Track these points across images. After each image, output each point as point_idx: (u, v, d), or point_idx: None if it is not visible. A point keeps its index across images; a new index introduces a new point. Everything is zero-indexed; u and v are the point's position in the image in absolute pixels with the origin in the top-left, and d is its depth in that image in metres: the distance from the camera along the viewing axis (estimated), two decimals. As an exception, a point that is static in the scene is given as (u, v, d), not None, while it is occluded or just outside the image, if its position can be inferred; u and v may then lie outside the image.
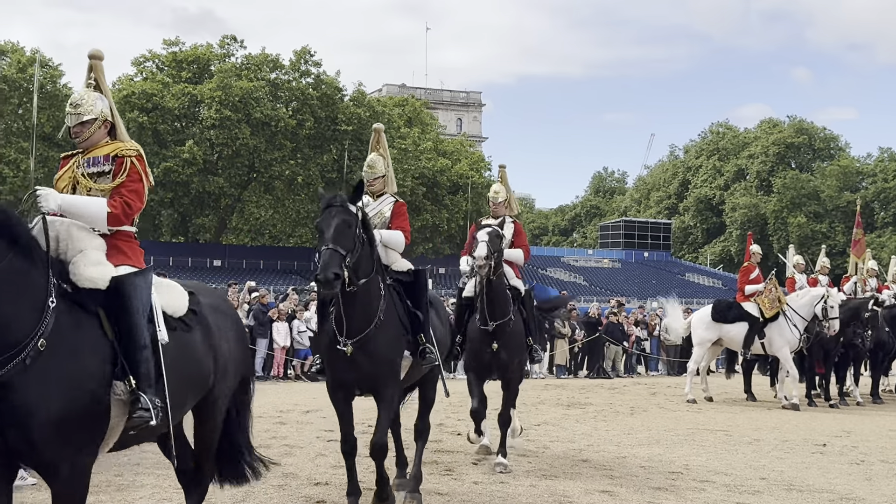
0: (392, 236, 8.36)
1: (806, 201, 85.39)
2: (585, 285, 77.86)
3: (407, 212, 8.75)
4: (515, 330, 9.99)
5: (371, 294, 7.47)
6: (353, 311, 7.38)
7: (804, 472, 10.35)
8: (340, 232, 6.99)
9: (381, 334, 7.47)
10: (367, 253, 7.35)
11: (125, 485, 8.60)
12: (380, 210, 8.55)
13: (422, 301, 8.09)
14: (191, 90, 61.28)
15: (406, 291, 8.10)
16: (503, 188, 10.88)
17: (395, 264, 8.32)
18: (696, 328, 18.69)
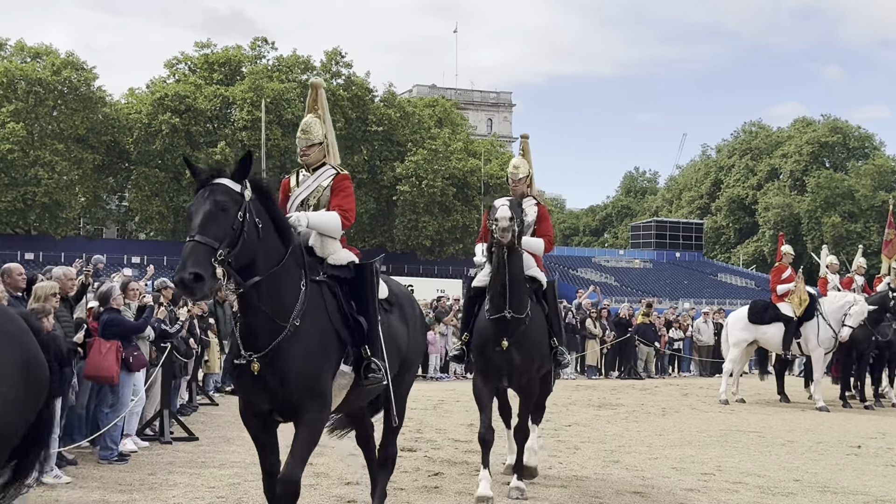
0: (323, 220, 6.74)
1: (840, 201, 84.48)
2: (616, 286, 77.50)
3: (352, 186, 7.10)
4: (533, 328, 8.43)
5: (280, 294, 5.91)
6: (255, 318, 5.87)
7: (838, 473, 10.25)
8: (212, 218, 5.46)
9: (297, 345, 5.91)
10: (265, 243, 5.77)
11: (158, 483, 8.67)
12: (317, 186, 6.96)
13: (367, 303, 6.56)
14: (223, 92, 61.70)
15: (351, 291, 6.59)
16: (524, 162, 9.50)
17: (333, 256, 6.70)
18: (733, 329, 18.59)
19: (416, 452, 10.77)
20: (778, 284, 18.01)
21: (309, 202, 6.91)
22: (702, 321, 27.43)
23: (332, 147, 7.18)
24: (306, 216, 6.64)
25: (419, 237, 66.54)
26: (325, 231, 6.73)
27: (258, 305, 5.81)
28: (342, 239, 6.91)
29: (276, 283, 5.87)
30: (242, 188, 5.68)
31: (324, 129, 7.10)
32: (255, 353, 5.85)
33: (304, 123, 7.08)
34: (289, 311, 5.90)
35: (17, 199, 57.27)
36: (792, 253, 18.58)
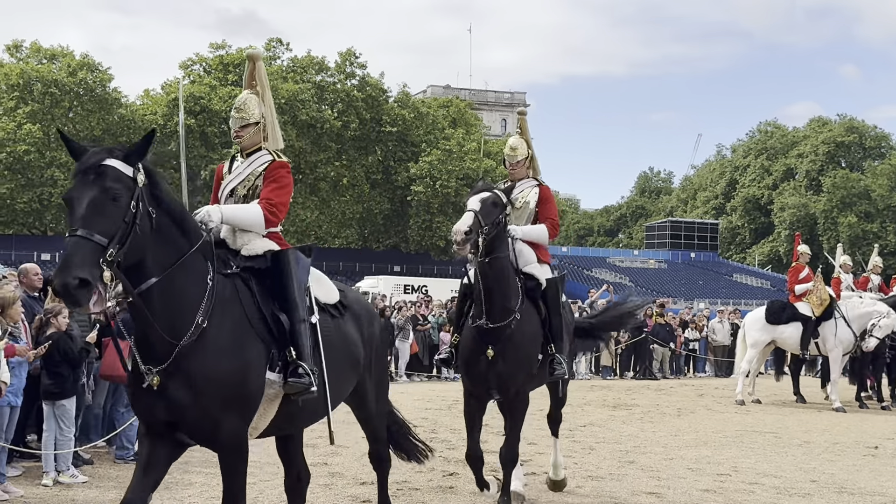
0: (241, 215, 5.82)
1: (856, 201, 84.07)
2: (631, 286, 77.24)
3: (289, 176, 6.10)
4: (523, 333, 7.53)
5: (181, 294, 5.03)
6: (150, 325, 4.97)
7: (855, 474, 10.19)
8: (99, 208, 4.56)
9: (205, 346, 5.06)
10: (160, 238, 4.91)
11: (174, 483, 8.69)
12: (249, 173, 6.05)
13: (288, 297, 5.58)
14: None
15: (270, 285, 5.64)
16: (522, 143, 8.41)
17: (247, 247, 5.78)
18: (751, 330, 18.50)
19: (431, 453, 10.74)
20: (796, 284, 17.94)
21: (238, 192, 6.02)
22: (717, 321, 27.34)
23: (272, 129, 6.17)
24: (220, 210, 5.70)
25: (433, 238, 66.55)
26: (245, 227, 5.82)
27: (156, 309, 4.92)
28: (275, 239, 5.98)
29: (174, 282, 4.99)
30: (135, 172, 4.76)
31: (262, 108, 6.12)
32: (156, 366, 4.98)
33: (238, 101, 6.16)
34: (192, 311, 5.04)
35: (33, 199, 57.60)
36: (809, 253, 18.49)
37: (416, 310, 21.93)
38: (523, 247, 7.90)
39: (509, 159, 8.39)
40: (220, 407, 5.06)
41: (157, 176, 5.00)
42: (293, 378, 5.36)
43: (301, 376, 5.37)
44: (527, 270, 7.85)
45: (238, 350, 5.20)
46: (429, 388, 19.53)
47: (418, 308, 22.24)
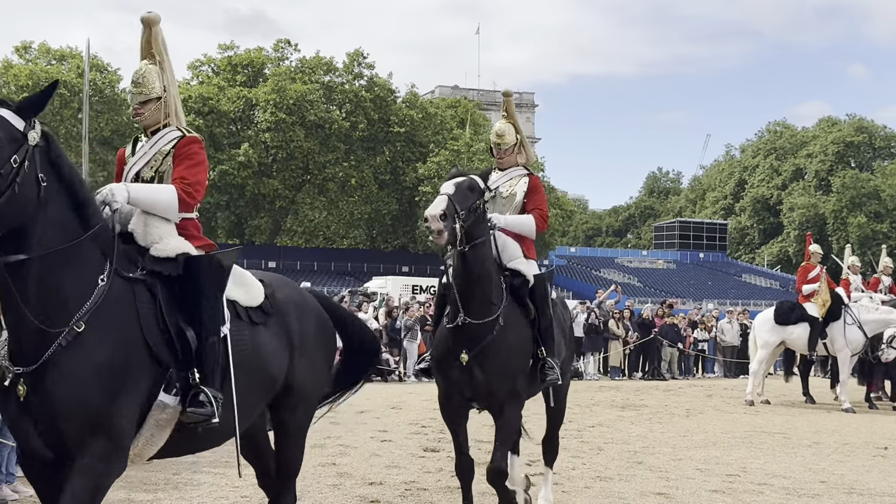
0: (152, 195, 5.01)
1: (866, 201, 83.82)
2: (640, 286, 77.23)
3: (203, 153, 5.32)
4: (506, 337, 6.74)
5: (60, 285, 4.29)
6: (19, 317, 4.22)
7: (865, 475, 10.16)
8: None
9: (76, 359, 4.27)
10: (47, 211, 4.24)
11: (182, 483, 8.71)
12: (156, 153, 5.26)
13: (198, 310, 4.73)
14: (246, 93, 62.00)
15: (180, 294, 4.78)
16: (509, 128, 7.64)
17: (158, 245, 4.90)
18: (760, 331, 18.46)
19: (438, 453, 10.77)
20: (804, 284, 17.89)
21: (144, 175, 5.23)
22: (726, 322, 27.29)
23: (176, 103, 5.38)
24: (126, 189, 4.90)
25: (441, 238, 66.54)
26: (155, 210, 4.97)
27: (28, 295, 4.16)
28: (191, 227, 5.24)
29: (54, 268, 4.23)
30: (27, 127, 4.18)
31: (163, 81, 5.29)
32: (24, 368, 4.23)
33: (135, 73, 5.33)
34: (70, 310, 4.27)
35: (42, 201, 57.78)
36: (820, 252, 18.43)
37: (426, 310, 21.91)
38: (508, 240, 7.17)
39: (496, 147, 7.67)
40: (80, 433, 4.24)
41: (56, 142, 4.40)
42: (192, 407, 4.59)
43: (202, 404, 4.60)
44: (512, 266, 7.06)
45: (117, 369, 4.35)
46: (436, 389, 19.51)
47: (427, 309, 22.23)
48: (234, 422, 4.87)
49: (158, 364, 4.55)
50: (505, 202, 7.52)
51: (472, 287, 6.69)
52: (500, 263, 7.03)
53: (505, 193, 7.54)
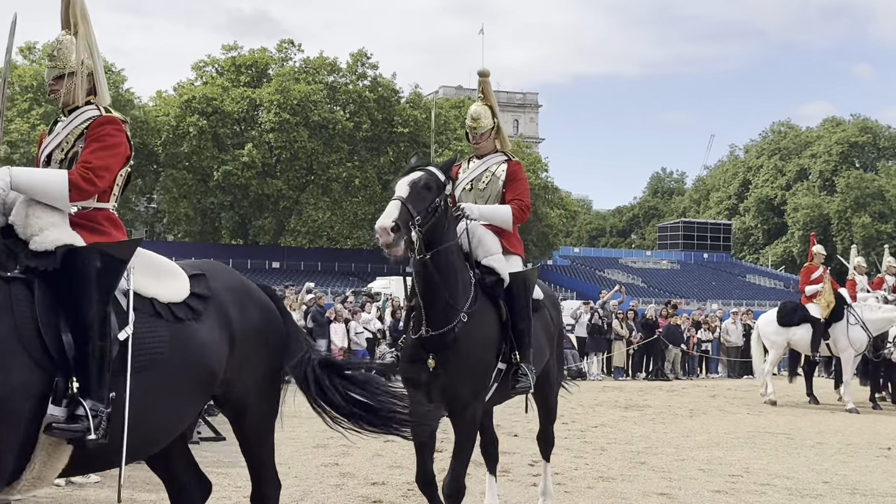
0: (38, 180, 4.41)
1: (870, 201, 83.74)
2: (644, 287, 77.18)
3: (121, 135, 4.72)
4: (470, 339, 6.22)
5: None
6: None
7: (868, 475, 10.15)
8: None
9: None
10: None
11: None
12: (68, 133, 4.71)
13: (78, 312, 4.15)
14: (250, 94, 62.07)
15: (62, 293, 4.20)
16: (486, 110, 7.02)
17: (38, 238, 4.30)
18: (766, 332, 18.44)
19: (441, 453, 10.74)
20: (807, 285, 17.87)
21: (54, 157, 4.71)
22: (730, 322, 27.27)
23: (97, 78, 4.80)
24: (9, 172, 4.34)
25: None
26: (43, 198, 4.36)
27: None
28: (102, 219, 4.62)
29: None
30: None
31: (83, 53, 4.72)
32: None
33: (50, 47, 4.81)
34: None
35: (46, 201, 57.88)
36: (823, 253, 18.41)
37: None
38: (485, 234, 6.64)
39: (472, 132, 7.04)
40: None
41: None
42: (62, 427, 4.00)
43: (77, 419, 4.00)
44: (487, 263, 6.54)
45: None
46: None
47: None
48: (123, 438, 4.26)
49: (41, 370, 4.00)
50: (483, 192, 6.96)
51: (434, 296, 6.13)
52: (476, 259, 6.56)
53: (483, 182, 6.99)
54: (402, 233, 5.70)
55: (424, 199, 5.90)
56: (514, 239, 6.91)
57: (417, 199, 5.86)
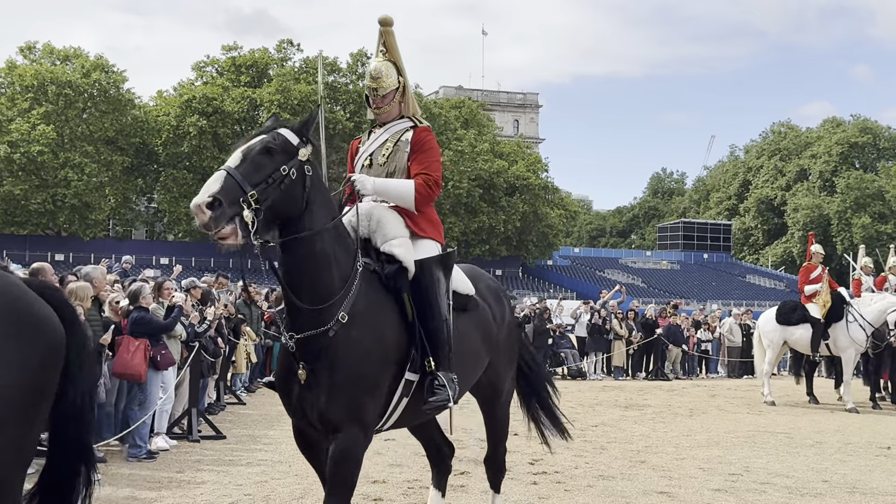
0: None
1: (870, 202, 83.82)
2: (644, 287, 77.21)
3: None
4: (351, 343, 4.97)
5: None
6: None
7: (868, 475, 10.16)
8: None
9: None
10: None
11: (186, 481, 8.74)
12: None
13: None
14: (250, 94, 62.10)
15: None
16: (388, 67, 5.81)
17: None
18: (765, 331, 18.45)
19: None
20: (806, 285, 17.88)
21: None
22: (733, 322, 27.29)
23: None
24: None
25: (445, 238, 66.53)
26: None
27: None
28: None
29: None
30: None
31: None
32: None
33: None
34: None
35: (46, 200, 57.91)
36: (822, 253, 18.41)
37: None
38: (386, 214, 5.52)
39: (373, 94, 5.82)
40: None
41: None
42: None
43: None
44: (386, 249, 5.39)
45: None
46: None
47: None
48: None
49: None
50: (385, 166, 5.75)
51: (297, 292, 4.91)
52: (375, 246, 5.44)
53: (382, 155, 5.79)
54: (224, 211, 4.38)
55: (262, 168, 4.59)
56: (425, 221, 5.70)
57: (252, 169, 4.54)
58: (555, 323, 24.14)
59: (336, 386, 4.93)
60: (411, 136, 5.74)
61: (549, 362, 23.67)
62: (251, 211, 4.44)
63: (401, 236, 5.48)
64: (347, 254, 5.12)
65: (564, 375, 23.56)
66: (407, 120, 5.87)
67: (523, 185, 67.71)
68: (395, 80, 5.81)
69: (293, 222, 4.79)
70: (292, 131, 4.85)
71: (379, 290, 5.25)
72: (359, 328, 5.00)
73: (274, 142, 4.71)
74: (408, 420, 5.64)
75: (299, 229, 4.81)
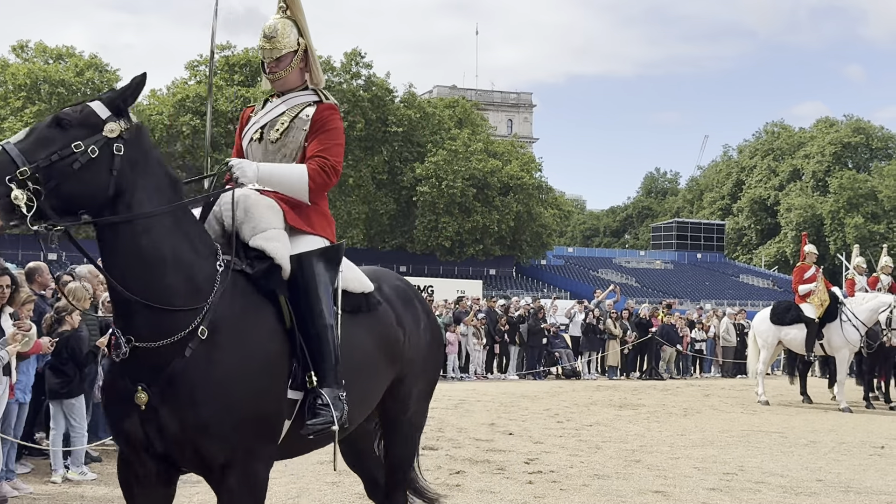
0: None
1: (863, 202, 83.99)
2: (637, 287, 77.31)
3: None
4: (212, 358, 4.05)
5: None
6: None
7: (861, 474, 10.19)
8: None
9: None
10: None
11: (182, 481, 8.70)
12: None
13: None
14: (244, 93, 62.04)
15: None
16: (287, 25, 4.96)
17: None
18: (759, 331, 18.48)
19: (437, 451, 10.80)
20: (800, 284, 17.92)
21: None
22: (729, 321, 27.33)
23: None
24: None
25: (439, 238, 66.62)
26: None
27: None
28: None
29: None
30: None
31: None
32: None
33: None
34: None
35: (40, 200, 57.81)
36: (816, 252, 18.45)
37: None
38: (258, 203, 4.53)
39: (266, 55, 4.91)
40: None
41: None
42: None
43: None
44: (254, 244, 4.44)
45: None
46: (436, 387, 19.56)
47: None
48: None
49: None
50: (277, 145, 4.87)
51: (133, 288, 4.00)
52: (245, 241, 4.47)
53: (275, 132, 4.89)
54: None
55: (48, 144, 3.85)
56: (315, 213, 4.78)
57: (35, 145, 3.83)
58: (549, 322, 24.17)
59: (203, 425, 3.97)
60: (313, 112, 4.83)
61: (544, 362, 23.73)
62: (24, 191, 3.74)
63: (272, 227, 4.51)
64: (200, 251, 4.18)
65: (559, 375, 23.60)
66: (312, 93, 4.96)
67: (517, 185, 67.74)
68: (293, 40, 4.91)
69: (101, 210, 3.96)
70: (103, 102, 4.03)
71: (250, 293, 4.30)
72: (225, 345, 4.05)
73: (71, 114, 3.94)
74: (295, 449, 4.65)
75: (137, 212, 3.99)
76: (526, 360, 23.33)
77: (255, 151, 4.93)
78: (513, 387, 20.20)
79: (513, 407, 15.57)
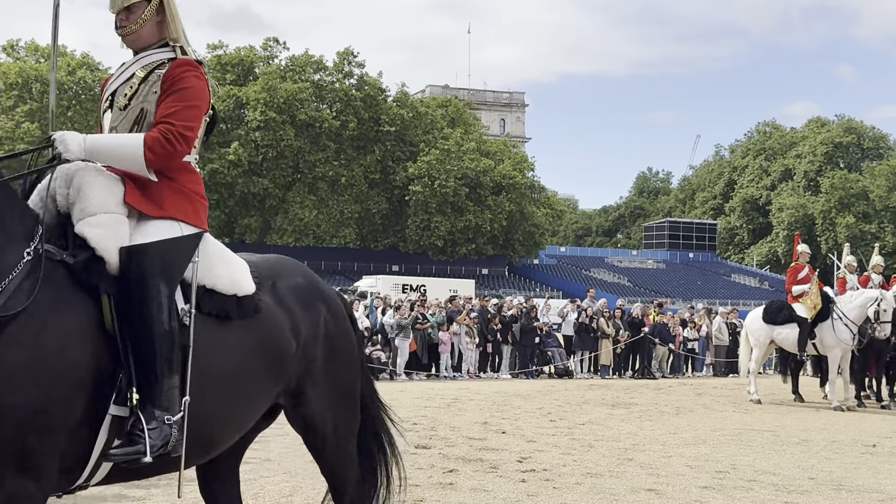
0: None
1: (855, 201, 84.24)
2: (629, 286, 77.42)
3: None
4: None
5: None
6: None
7: (853, 472, 10.22)
8: None
9: None
10: None
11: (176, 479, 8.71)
12: None
13: None
14: (236, 92, 61.98)
15: None
16: None
17: None
18: (752, 330, 18.52)
19: (430, 449, 10.80)
20: (794, 285, 17.95)
21: None
22: (721, 321, 27.39)
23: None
24: None
25: (431, 237, 66.64)
26: None
27: None
28: None
29: None
30: None
31: None
32: None
33: None
34: None
35: (32, 199, 57.65)
36: (808, 252, 18.49)
37: (418, 309, 21.96)
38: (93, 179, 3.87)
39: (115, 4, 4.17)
40: None
41: None
42: None
43: None
44: (79, 231, 3.77)
45: None
46: (428, 386, 19.56)
47: (418, 307, 22.28)
48: None
49: None
50: (126, 112, 4.16)
51: None
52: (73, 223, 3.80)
53: (125, 96, 4.17)
54: None
55: None
56: (169, 192, 4.03)
57: None
58: (541, 322, 24.19)
59: None
60: (167, 72, 4.08)
61: (537, 361, 23.76)
62: None
63: (106, 211, 3.80)
64: (10, 233, 3.57)
65: (551, 374, 23.62)
66: (168, 49, 4.22)
67: (509, 185, 67.80)
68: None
69: None
70: None
71: (63, 287, 3.63)
72: (7, 338, 3.39)
73: None
74: (127, 473, 3.96)
75: None
76: (518, 360, 23.35)
77: (106, 121, 4.21)
78: (506, 386, 20.21)
79: (506, 406, 15.58)
